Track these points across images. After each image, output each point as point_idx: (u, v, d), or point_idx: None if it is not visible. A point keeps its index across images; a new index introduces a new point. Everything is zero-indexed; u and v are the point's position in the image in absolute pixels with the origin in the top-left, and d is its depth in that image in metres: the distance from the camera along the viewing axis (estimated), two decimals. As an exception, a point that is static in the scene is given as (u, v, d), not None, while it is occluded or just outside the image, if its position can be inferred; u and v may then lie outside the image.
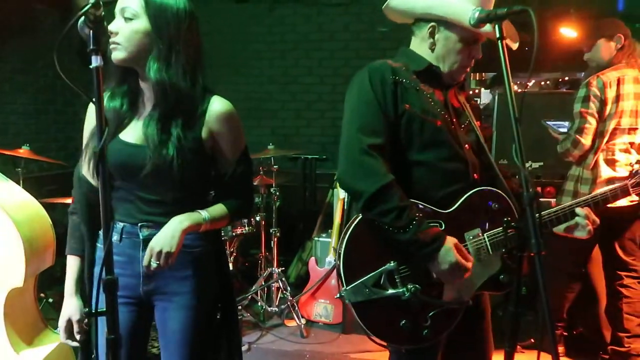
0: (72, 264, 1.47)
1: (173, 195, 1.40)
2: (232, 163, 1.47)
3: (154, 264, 1.32)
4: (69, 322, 1.45)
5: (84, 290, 1.48)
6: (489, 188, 1.56)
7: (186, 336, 1.45)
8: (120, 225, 1.42)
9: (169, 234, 1.33)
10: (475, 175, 1.56)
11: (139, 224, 1.40)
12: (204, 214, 1.41)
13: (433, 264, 1.42)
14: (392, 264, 1.44)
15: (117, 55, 1.33)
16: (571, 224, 1.56)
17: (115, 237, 1.41)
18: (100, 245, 1.47)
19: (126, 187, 1.41)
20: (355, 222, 1.49)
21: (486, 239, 1.52)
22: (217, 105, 1.43)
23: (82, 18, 0.98)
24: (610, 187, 1.62)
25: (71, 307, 1.45)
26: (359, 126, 1.45)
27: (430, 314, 1.47)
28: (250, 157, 1.54)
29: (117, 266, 1.38)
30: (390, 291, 1.44)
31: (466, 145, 1.56)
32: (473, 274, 1.46)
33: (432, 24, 1.52)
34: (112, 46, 1.32)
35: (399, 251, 1.43)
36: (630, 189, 1.61)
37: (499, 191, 1.55)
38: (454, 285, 1.47)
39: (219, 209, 1.46)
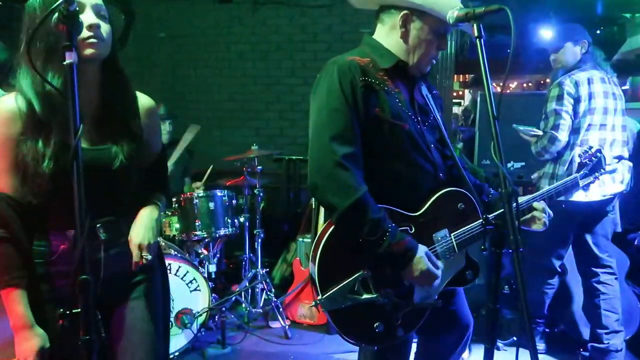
0: (19, 295, 1.28)
1: (131, 189, 1.40)
2: (156, 155, 1.53)
3: (148, 257, 1.34)
4: (43, 351, 1.30)
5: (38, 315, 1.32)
6: (455, 189, 1.58)
7: (151, 322, 1.41)
8: (70, 232, 1.31)
9: (148, 226, 1.37)
10: (440, 174, 1.58)
11: (97, 225, 1.34)
12: (158, 203, 1.47)
13: (405, 271, 1.45)
14: (365, 271, 1.46)
15: (101, 51, 1.29)
16: (527, 218, 1.60)
17: (66, 246, 1.32)
18: (39, 260, 1.34)
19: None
20: (329, 232, 1.48)
21: (453, 239, 1.55)
22: (145, 100, 1.48)
23: (55, 14, 0.96)
24: (562, 181, 1.74)
25: (39, 337, 1.30)
26: (331, 135, 1.41)
27: (402, 313, 1.50)
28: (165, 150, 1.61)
29: (67, 278, 1.25)
30: (365, 297, 1.45)
31: (432, 145, 1.58)
32: (441, 274, 1.49)
33: (406, 12, 1.49)
34: (92, 41, 1.25)
35: (371, 259, 1.45)
36: (580, 181, 1.73)
37: (464, 191, 1.58)
38: (424, 287, 1.50)
39: (161, 198, 1.52)
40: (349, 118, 1.43)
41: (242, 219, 3.68)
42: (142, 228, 1.36)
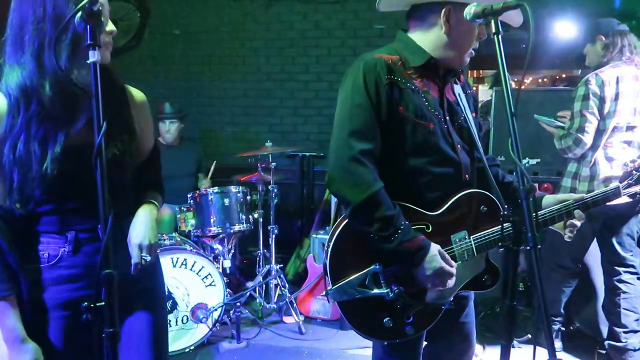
0: (8, 308, 1.21)
1: (127, 187, 1.36)
2: (148, 152, 1.48)
3: (147, 258, 1.29)
4: None
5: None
6: (478, 190, 1.56)
7: (155, 332, 1.40)
8: (71, 234, 1.26)
9: (148, 226, 1.32)
10: (466, 176, 1.56)
11: (99, 225, 1.19)
12: (154, 201, 1.42)
13: (417, 269, 1.44)
14: (377, 265, 1.46)
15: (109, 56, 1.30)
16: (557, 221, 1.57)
17: (67, 249, 1.27)
18: (42, 265, 1.28)
19: (73, 193, 1.25)
20: (343, 225, 1.49)
21: (472, 242, 1.53)
22: (136, 93, 1.45)
23: (79, 13, 0.97)
24: (603, 190, 1.62)
25: (31, 351, 1.23)
26: (350, 130, 1.43)
27: (413, 311, 1.49)
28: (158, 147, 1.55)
29: (71, 281, 1.26)
30: (375, 291, 1.46)
31: (458, 146, 1.55)
32: (456, 275, 1.48)
33: (448, 7, 1.47)
34: (109, 47, 1.28)
35: (383, 254, 1.45)
36: (622, 192, 1.61)
37: (488, 194, 1.55)
38: (437, 286, 1.48)
39: (157, 197, 1.47)
40: (370, 115, 1.44)
41: (256, 215, 3.71)
42: (142, 227, 1.31)
